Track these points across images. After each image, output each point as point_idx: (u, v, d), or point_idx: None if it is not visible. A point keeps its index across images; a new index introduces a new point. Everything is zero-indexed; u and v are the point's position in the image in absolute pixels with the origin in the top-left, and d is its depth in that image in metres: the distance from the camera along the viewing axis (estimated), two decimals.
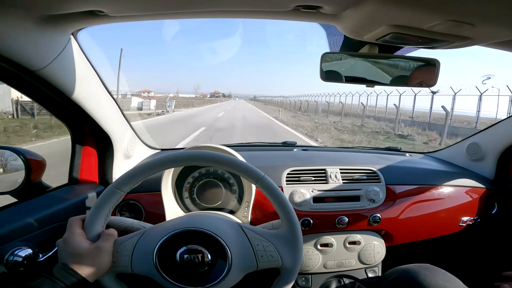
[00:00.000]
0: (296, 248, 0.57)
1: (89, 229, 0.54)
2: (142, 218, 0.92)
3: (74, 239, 0.52)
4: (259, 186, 0.58)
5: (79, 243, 0.52)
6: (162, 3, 0.56)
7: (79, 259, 0.50)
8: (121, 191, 0.56)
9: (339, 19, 0.59)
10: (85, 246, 0.52)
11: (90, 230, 0.54)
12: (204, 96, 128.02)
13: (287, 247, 0.57)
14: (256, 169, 0.58)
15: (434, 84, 0.74)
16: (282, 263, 0.57)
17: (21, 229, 0.64)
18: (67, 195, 0.82)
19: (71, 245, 0.51)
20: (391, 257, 1.06)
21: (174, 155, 0.58)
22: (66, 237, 0.53)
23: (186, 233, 0.55)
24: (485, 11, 0.46)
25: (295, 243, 0.57)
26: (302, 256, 0.58)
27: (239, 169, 0.58)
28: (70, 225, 0.55)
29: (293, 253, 0.57)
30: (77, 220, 0.56)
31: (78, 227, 0.54)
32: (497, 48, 0.66)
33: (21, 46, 0.55)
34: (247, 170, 0.58)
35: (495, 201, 1.13)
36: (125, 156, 0.99)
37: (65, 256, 0.51)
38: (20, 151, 0.74)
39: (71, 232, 0.53)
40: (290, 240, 0.58)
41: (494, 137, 1.16)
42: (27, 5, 0.51)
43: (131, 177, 0.56)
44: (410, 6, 0.46)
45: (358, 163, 1.11)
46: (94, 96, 0.80)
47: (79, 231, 0.54)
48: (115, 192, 0.55)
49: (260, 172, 0.58)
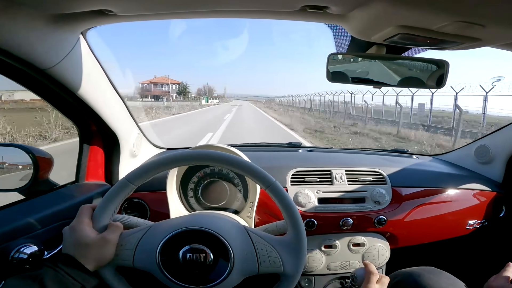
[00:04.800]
0: (299, 257, 0.57)
1: (98, 219, 0.55)
2: (147, 216, 0.93)
3: (81, 227, 0.52)
4: (269, 191, 0.58)
5: (86, 232, 0.52)
6: (170, 3, 0.56)
7: (83, 248, 0.51)
8: (133, 184, 0.56)
9: (346, 19, 0.58)
10: (92, 236, 0.52)
11: (98, 221, 0.55)
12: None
13: (290, 254, 0.57)
14: (267, 174, 0.58)
15: (443, 86, 0.73)
16: (284, 270, 0.56)
17: (27, 227, 0.64)
18: (73, 193, 0.83)
19: (78, 233, 0.51)
20: (395, 260, 1.05)
21: (187, 153, 0.58)
22: (73, 225, 0.53)
23: (190, 232, 0.55)
24: (496, 12, 0.45)
25: (299, 251, 0.57)
26: (304, 263, 0.58)
27: (250, 172, 0.58)
28: (80, 213, 0.55)
29: (296, 261, 0.57)
30: (88, 209, 0.56)
31: (87, 216, 0.55)
32: (508, 50, 0.65)
33: (31, 44, 0.56)
34: (259, 174, 0.58)
35: (503, 205, 1.11)
36: (131, 155, 1.00)
37: (70, 244, 0.51)
38: (29, 149, 0.75)
39: (80, 220, 0.53)
40: (295, 248, 0.57)
41: (503, 140, 1.14)
42: (37, 4, 0.52)
43: (143, 172, 0.57)
44: (419, 6, 0.46)
45: (364, 164, 1.11)
46: (102, 95, 0.81)
47: (87, 220, 0.54)
48: (127, 185, 0.56)
49: (271, 178, 0.58)
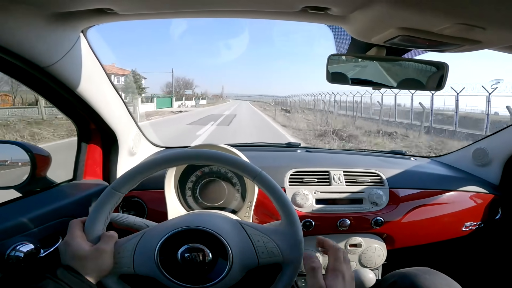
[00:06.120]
0: (296, 242, 0.57)
1: (90, 231, 0.55)
2: (144, 215, 0.92)
3: (74, 241, 0.52)
4: (256, 182, 0.58)
5: (79, 245, 0.52)
6: (171, 2, 0.56)
7: (80, 261, 0.51)
8: (120, 192, 0.56)
9: (347, 20, 0.58)
10: (86, 249, 0.52)
11: (90, 233, 0.55)
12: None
13: (287, 242, 0.57)
14: (253, 165, 0.58)
15: (442, 88, 0.73)
16: (283, 258, 0.56)
17: (23, 224, 0.64)
18: (70, 191, 0.82)
19: (72, 247, 0.52)
20: (392, 261, 1.06)
21: (170, 154, 0.58)
22: (66, 240, 0.54)
23: (187, 232, 0.55)
24: (497, 15, 0.45)
25: (295, 237, 0.57)
26: (303, 250, 0.57)
27: (235, 165, 0.58)
28: (70, 228, 0.55)
29: (293, 248, 0.57)
30: (78, 223, 0.56)
31: (78, 229, 0.55)
32: (508, 52, 0.66)
33: (31, 42, 0.56)
34: (244, 166, 0.57)
35: (499, 207, 1.12)
36: (129, 153, 1.00)
37: (67, 259, 0.52)
38: (27, 146, 0.75)
39: (72, 234, 0.54)
40: (290, 234, 0.57)
41: (501, 142, 1.15)
42: (38, 2, 0.52)
43: (128, 178, 0.56)
44: (420, 8, 0.46)
45: (362, 165, 1.11)
46: (101, 94, 0.80)
47: (79, 233, 0.54)
48: (113, 194, 0.55)
49: (257, 168, 0.58)
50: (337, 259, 0.52)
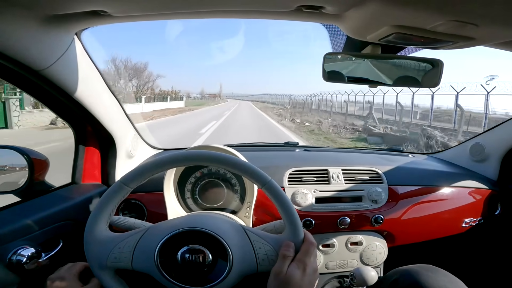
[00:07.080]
0: None
1: (93, 224, 0.55)
2: (144, 217, 0.92)
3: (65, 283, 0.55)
4: (265, 190, 0.58)
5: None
6: (165, 3, 0.56)
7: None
8: (128, 187, 0.56)
9: (341, 19, 0.59)
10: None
11: (94, 226, 0.55)
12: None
13: None
14: (263, 172, 0.58)
15: (437, 85, 0.74)
16: None
17: (24, 228, 0.64)
18: (69, 194, 0.82)
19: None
20: (393, 258, 1.06)
21: (181, 154, 0.58)
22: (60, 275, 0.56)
23: (188, 233, 0.55)
24: (489, 12, 0.45)
25: (298, 249, 0.57)
26: None
27: (246, 171, 0.58)
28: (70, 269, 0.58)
29: None
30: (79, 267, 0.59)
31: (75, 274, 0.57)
32: (501, 49, 0.66)
33: (25, 45, 0.56)
34: (254, 173, 0.57)
35: (498, 202, 1.12)
36: (127, 155, 1.00)
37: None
38: (24, 151, 0.75)
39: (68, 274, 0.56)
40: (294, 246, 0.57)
41: (498, 138, 1.15)
42: (31, 4, 0.52)
43: (138, 174, 0.56)
44: (413, 6, 0.46)
45: (360, 163, 1.11)
46: (97, 96, 0.80)
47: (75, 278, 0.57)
48: (122, 187, 0.56)
49: (267, 176, 0.57)
50: (305, 252, 0.54)
